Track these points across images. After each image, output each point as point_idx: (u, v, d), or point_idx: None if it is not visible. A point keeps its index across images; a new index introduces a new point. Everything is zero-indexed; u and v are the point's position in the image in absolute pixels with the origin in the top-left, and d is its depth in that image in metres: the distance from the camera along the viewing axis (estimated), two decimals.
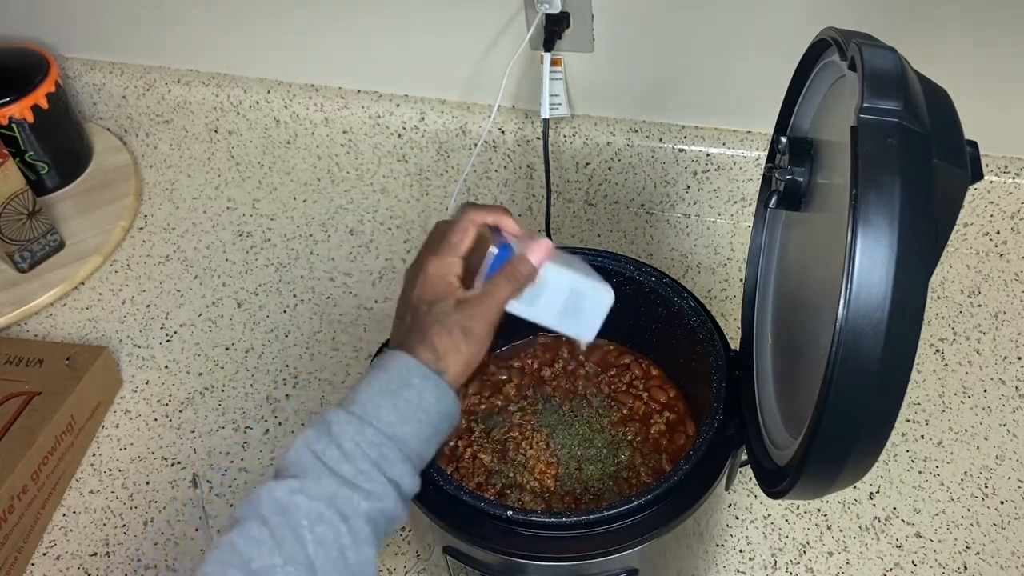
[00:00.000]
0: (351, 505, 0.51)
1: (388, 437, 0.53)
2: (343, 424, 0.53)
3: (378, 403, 0.54)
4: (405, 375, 0.55)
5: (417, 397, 0.54)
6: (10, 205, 1.00)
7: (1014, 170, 0.96)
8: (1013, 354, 0.93)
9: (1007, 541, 0.80)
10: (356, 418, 0.53)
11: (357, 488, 0.51)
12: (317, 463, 0.51)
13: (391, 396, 0.54)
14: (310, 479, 0.51)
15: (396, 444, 0.53)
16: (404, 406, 0.54)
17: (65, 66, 1.19)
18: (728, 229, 1.06)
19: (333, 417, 0.53)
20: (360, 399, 0.54)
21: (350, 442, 0.52)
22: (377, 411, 0.53)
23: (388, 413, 0.53)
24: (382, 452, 0.52)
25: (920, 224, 0.42)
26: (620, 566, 0.60)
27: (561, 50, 0.97)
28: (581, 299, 0.60)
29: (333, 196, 1.15)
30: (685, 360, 0.73)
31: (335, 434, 0.52)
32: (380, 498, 0.52)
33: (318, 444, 0.52)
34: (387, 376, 0.55)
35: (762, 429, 0.62)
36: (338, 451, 0.52)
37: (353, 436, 0.52)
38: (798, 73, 0.61)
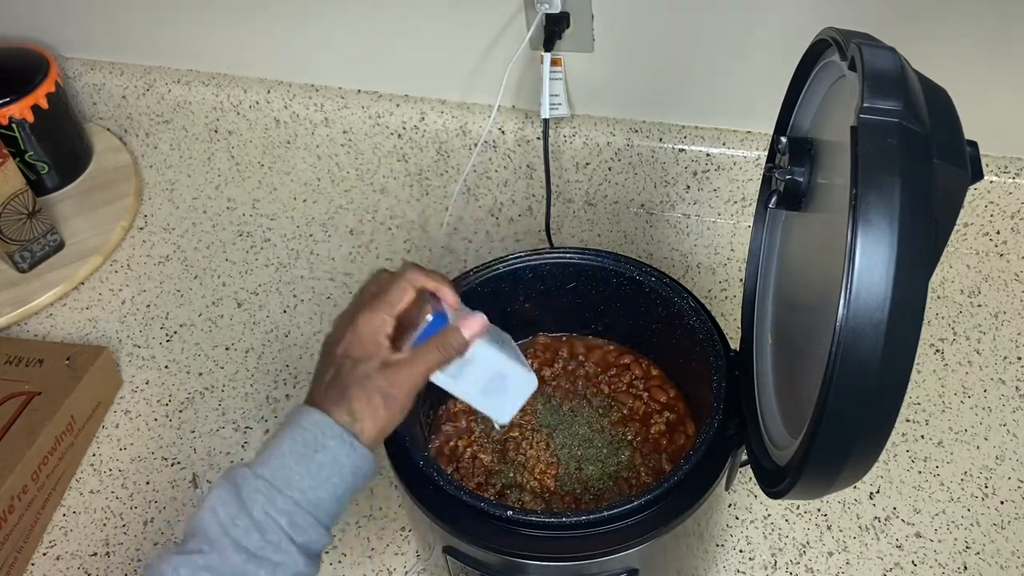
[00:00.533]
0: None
1: (298, 504, 0.52)
2: (253, 492, 0.52)
3: (290, 466, 0.53)
4: (319, 437, 0.53)
5: (331, 460, 0.53)
6: (10, 205, 1.00)
7: (1014, 170, 0.96)
8: (1013, 354, 0.93)
9: (1007, 541, 0.80)
10: (266, 483, 0.52)
11: (264, 561, 0.51)
12: (224, 536, 0.51)
13: (305, 460, 0.53)
14: (215, 554, 0.50)
15: (307, 510, 0.52)
16: (317, 470, 0.53)
17: (65, 66, 1.19)
18: (728, 229, 1.06)
19: (243, 481, 0.52)
20: (272, 462, 0.53)
21: (260, 511, 0.51)
22: (289, 476, 0.52)
23: (301, 479, 0.52)
24: (293, 520, 0.52)
25: (920, 224, 0.42)
26: (620, 566, 0.60)
27: (561, 50, 0.97)
28: (505, 381, 0.60)
29: (333, 196, 1.15)
30: (685, 360, 0.73)
31: (245, 501, 0.51)
32: (288, 566, 0.51)
33: (225, 510, 0.51)
34: (301, 437, 0.53)
35: (762, 429, 0.62)
36: (247, 519, 0.51)
37: (263, 505, 0.51)
38: (798, 73, 0.61)
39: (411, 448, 0.63)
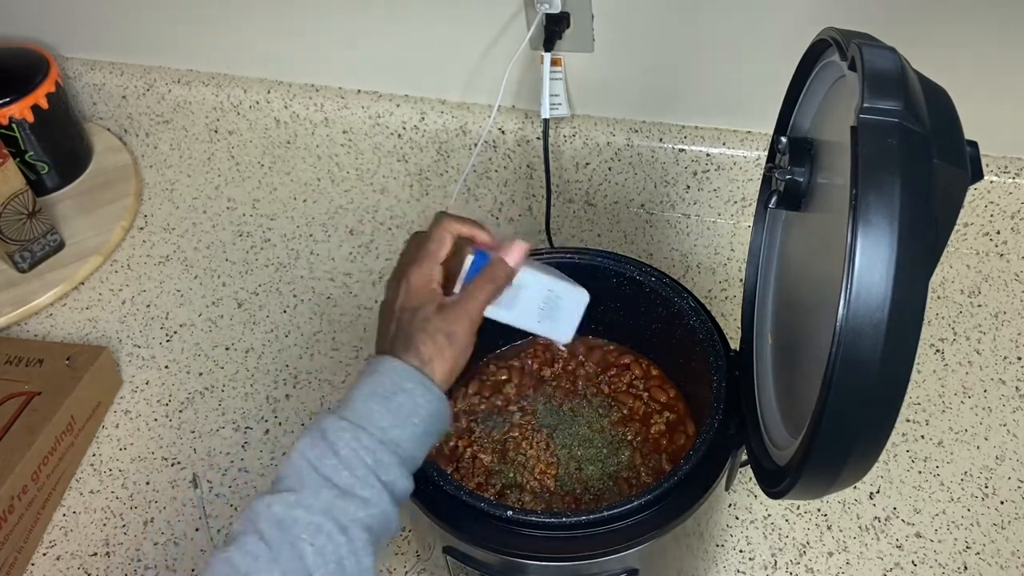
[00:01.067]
0: (348, 515, 0.51)
1: (382, 442, 0.53)
2: (338, 431, 0.53)
3: (371, 408, 0.54)
4: (397, 380, 0.55)
5: (410, 402, 0.54)
6: (10, 205, 1.00)
7: (1014, 170, 0.96)
8: (1013, 354, 0.93)
9: (1007, 541, 0.80)
10: (350, 424, 0.53)
11: (353, 497, 0.51)
12: (314, 473, 0.52)
13: (384, 401, 0.54)
14: (307, 491, 0.51)
15: (390, 448, 0.53)
16: (397, 410, 0.54)
17: (65, 66, 1.19)
18: (728, 229, 1.06)
19: (328, 424, 0.53)
20: (354, 405, 0.54)
21: (346, 448, 0.52)
22: (371, 416, 0.54)
23: (382, 418, 0.54)
24: (377, 457, 0.53)
25: (920, 224, 0.42)
26: (620, 566, 0.60)
27: (561, 50, 0.97)
28: (558, 300, 0.61)
29: (333, 196, 1.15)
30: (685, 360, 0.73)
31: (331, 441, 0.52)
32: (376, 504, 0.52)
33: (313, 452, 0.52)
34: (379, 381, 0.55)
35: (762, 429, 0.62)
36: (335, 458, 0.52)
37: (349, 442, 0.52)
38: (798, 73, 0.61)
39: None
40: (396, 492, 0.53)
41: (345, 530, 0.51)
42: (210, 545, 0.83)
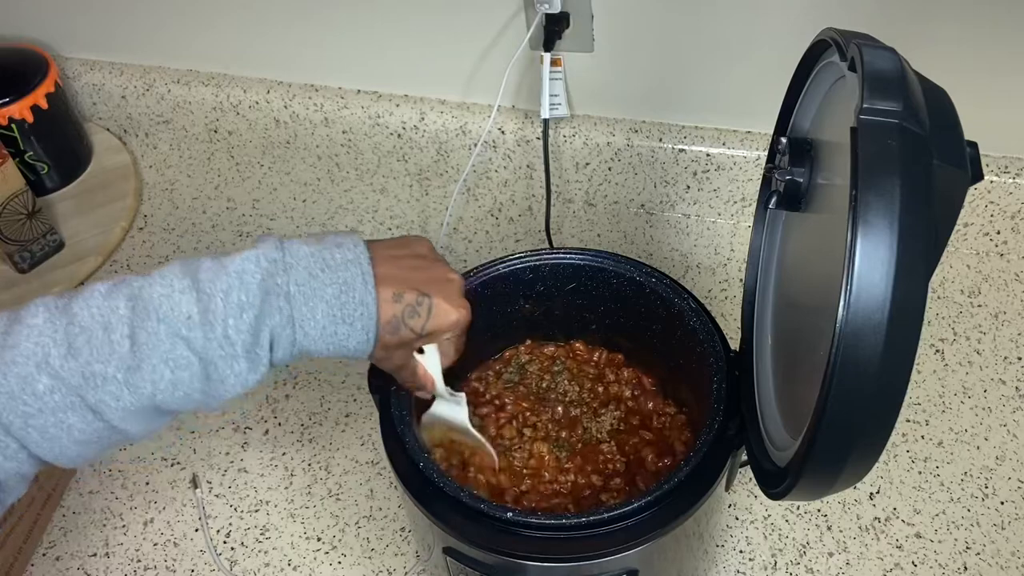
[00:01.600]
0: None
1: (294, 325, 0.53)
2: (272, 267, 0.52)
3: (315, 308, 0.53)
4: (358, 289, 0.54)
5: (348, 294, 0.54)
6: (10, 205, 1.00)
7: (1014, 170, 0.96)
8: (1013, 354, 0.93)
9: (1007, 541, 0.80)
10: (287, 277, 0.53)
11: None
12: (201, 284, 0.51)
13: (334, 310, 0.54)
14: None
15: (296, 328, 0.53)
16: (342, 304, 0.54)
17: (65, 66, 1.19)
18: (728, 229, 1.06)
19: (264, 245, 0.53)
20: (299, 259, 0.54)
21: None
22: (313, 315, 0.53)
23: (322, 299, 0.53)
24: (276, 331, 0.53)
25: (920, 225, 0.42)
26: (620, 567, 0.60)
27: (561, 50, 0.97)
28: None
29: (333, 196, 1.15)
30: (685, 361, 0.73)
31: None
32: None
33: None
34: (338, 273, 0.54)
35: (762, 430, 0.62)
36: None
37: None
38: (798, 74, 0.61)
39: (411, 448, 0.63)
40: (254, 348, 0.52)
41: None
42: (210, 545, 0.84)
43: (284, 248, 0.53)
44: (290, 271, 0.52)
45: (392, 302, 0.56)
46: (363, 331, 0.55)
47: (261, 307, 0.51)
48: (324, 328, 0.53)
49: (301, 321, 0.52)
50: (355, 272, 0.54)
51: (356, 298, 0.54)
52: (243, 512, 0.86)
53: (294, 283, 0.52)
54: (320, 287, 0.53)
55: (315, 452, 0.90)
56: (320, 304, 0.53)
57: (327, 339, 0.54)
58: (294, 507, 0.86)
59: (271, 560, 0.82)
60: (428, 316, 0.57)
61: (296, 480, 0.88)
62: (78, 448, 0.50)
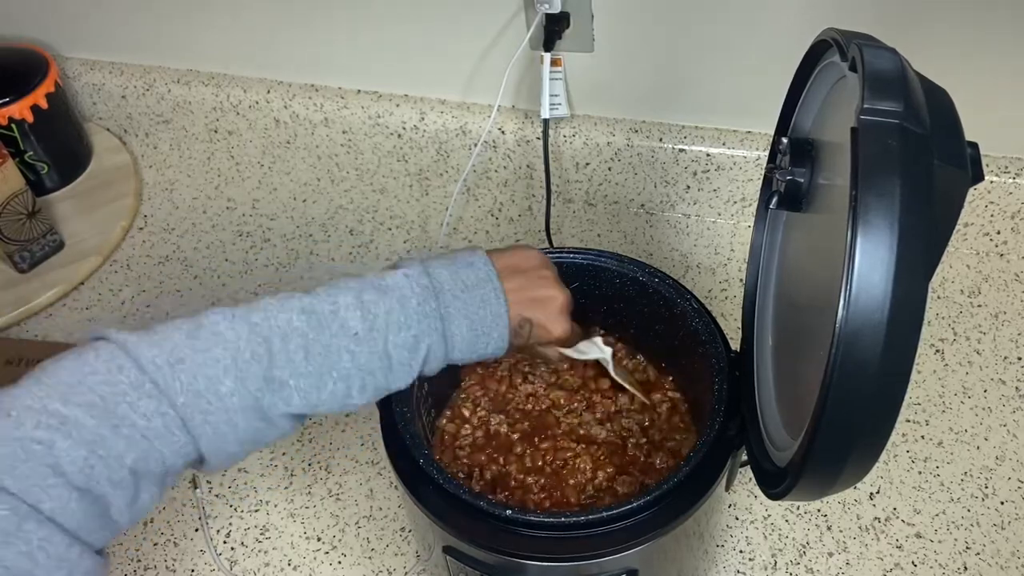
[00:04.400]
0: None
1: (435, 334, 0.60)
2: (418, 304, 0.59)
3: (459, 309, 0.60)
4: (494, 310, 0.61)
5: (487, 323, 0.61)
6: (10, 205, 1.00)
7: (1014, 170, 0.96)
8: (1013, 354, 0.93)
9: (1007, 541, 0.80)
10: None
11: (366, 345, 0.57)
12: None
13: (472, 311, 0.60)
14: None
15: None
16: (479, 321, 0.61)
17: (65, 66, 1.19)
18: (728, 229, 1.06)
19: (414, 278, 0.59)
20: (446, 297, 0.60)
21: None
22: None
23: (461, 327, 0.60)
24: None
25: (920, 225, 0.42)
26: (620, 566, 0.60)
27: (561, 50, 0.97)
28: None
29: (333, 196, 1.15)
30: (686, 361, 0.73)
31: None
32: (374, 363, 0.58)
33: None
34: (480, 302, 0.61)
35: (762, 430, 0.62)
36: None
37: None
38: (799, 74, 0.61)
39: (411, 448, 0.63)
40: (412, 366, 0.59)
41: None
42: (210, 545, 0.84)
43: (429, 274, 0.60)
44: (440, 296, 0.59)
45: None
46: (499, 339, 0.62)
47: (418, 327, 0.58)
48: (468, 341, 0.61)
49: (450, 337, 0.60)
50: (489, 289, 0.61)
51: (492, 312, 0.61)
52: (243, 512, 0.86)
53: (443, 305, 0.59)
54: (463, 307, 0.60)
55: (315, 452, 0.90)
56: (465, 321, 0.60)
57: (470, 349, 0.61)
58: (294, 507, 0.86)
59: (271, 560, 0.82)
60: (530, 335, 0.64)
61: (296, 480, 0.88)
62: (236, 447, 0.54)
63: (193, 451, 0.53)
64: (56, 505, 0.47)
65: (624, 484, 0.71)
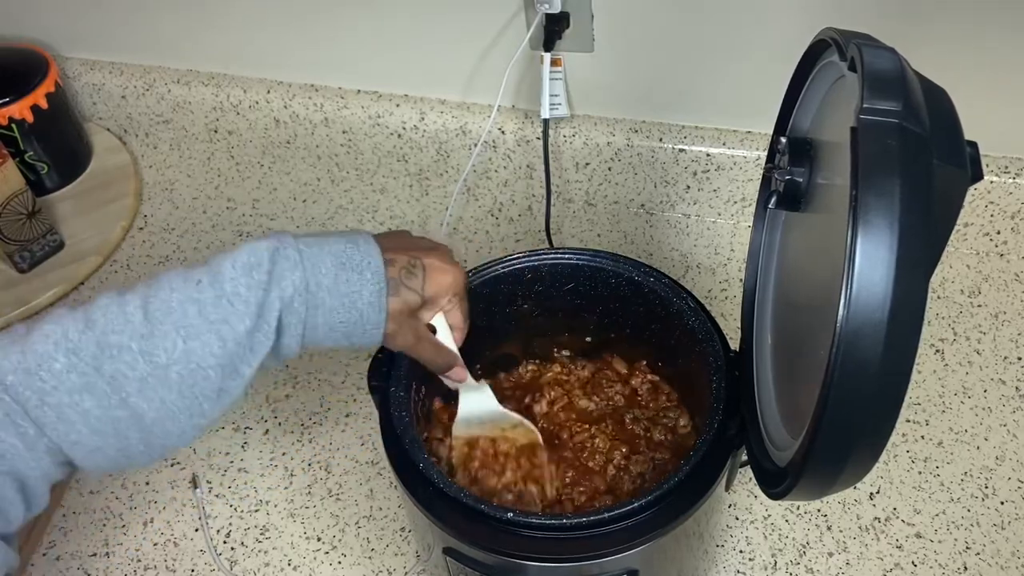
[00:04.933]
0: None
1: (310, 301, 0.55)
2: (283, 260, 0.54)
3: (326, 264, 0.55)
4: (366, 269, 0.56)
5: (359, 298, 0.56)
6: (10, 205, 1.00)
7: (1014, 170, 0.96)
8: (1013, 354, 0.93)
9: (1007, 541, 0.80)
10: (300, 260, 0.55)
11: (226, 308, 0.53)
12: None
13: (342, 271, 0.56)
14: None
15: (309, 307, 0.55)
16: (345, 287, 0.55)
17: (65, 66, 1.19)
18: (728, 229, 1.06)
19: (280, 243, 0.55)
20: (312, 249, 0.55)
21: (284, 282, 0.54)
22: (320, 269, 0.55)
23: (327, 278, 0.55)
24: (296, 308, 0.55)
25: (920, 225, 0.42)
26: (620, 567, 0.60)
27: (561, 50, 0.97)
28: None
29: (333, 196, 1.15)
30: (685, 360, 0.73)
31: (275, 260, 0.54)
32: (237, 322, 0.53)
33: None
34: (350, 254, 0.56)
35: (762, 430, 0.62)
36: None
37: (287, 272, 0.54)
38: (797, 73, 0.61)
39: (411, 449, 0.63)
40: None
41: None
42: (210, 545, 0.84)
43: (287, 232, 0.56)
44: (298, 239, 0.55)
45: (389, 266, 0.58)
46: (373, 280, 0.56)
47: (270, 263, 0.53)
48: (335, 276, 0.55)
49: (310, 267, 0.54)
50: (357, 235, 0.58)
51: (361, 250, 0.56)
52: (243, 512, 0.86)
53: (302, 244, 0.55)
54: (323, 243, 0.56)
55: (315, 452, 0.90)
56: (327, 257, 0.55)
57: (340, 287, 0.55)
58: (294, 507, 0.86)
59: (271, 560, 0.82)
60: (424, 276, 0.59)
61: (296, 480, 0.88)
62: (95, 438, 0.51)
63: (52, 444, 0.50)
64: None
65: (638, 464, 0.71)
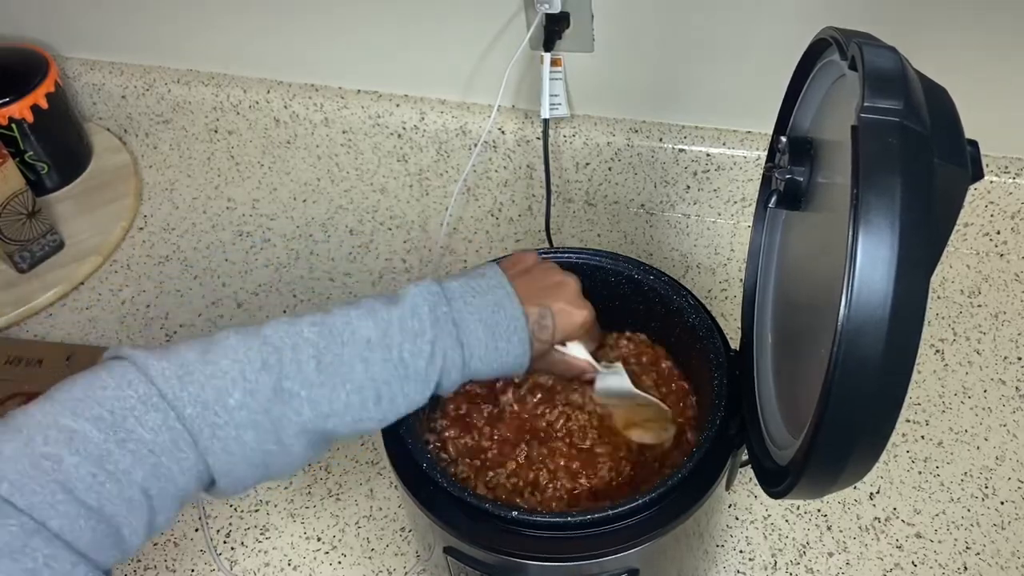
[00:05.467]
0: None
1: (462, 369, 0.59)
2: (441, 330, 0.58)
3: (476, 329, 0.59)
4: (513, 326, 0.60)
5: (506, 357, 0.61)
6: (10, 205, 1.00)
7: (1014, 170, 0.96)
8: (1013, 354, 0.93)
9: (1007, 541, 0.80)
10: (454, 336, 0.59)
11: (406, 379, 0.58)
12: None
13: (491, 334, 0.60)
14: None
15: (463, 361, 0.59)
16: (499, 349, 0.60)
17: (65, 66, 1.19)
18: (728, 229, 1.06)
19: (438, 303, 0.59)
20: (464, 319, 0.59)
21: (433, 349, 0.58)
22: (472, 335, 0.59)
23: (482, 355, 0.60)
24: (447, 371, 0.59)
25: (921, 223, 0.42)
26: (620, 566, 0.60)
27: (561, 50, 0.97)
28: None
29: (333, 196, 1.15)
30: (685, 359, 0.73)
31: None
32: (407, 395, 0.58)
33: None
34: (496, 317, 0.60)
35: (763, 429, 0.62)
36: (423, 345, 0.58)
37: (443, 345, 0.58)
38: (798, 73, 0.61)
39: (412, 449, 0.63)
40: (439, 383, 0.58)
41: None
42: (210, 545, 0.83)
43: (441, 285, 0.60)
44: (452, 302, 0.59)
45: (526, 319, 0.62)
46: (520, 344, 0.61)
47: (432, 332, 0.57)
48: (486, 345, 0.59)
49: (466, 342, 0.58)
50: (501, 293, 0.61)
51: (508, 314, 0.60)
52: (243, 512, 0.86)
53: (456, 311, 0.58)
54: (476, 310, 0.59)
55: None
56: (479, 325, 0.59)
57: (490, 355, 0.60)
58: (294, 507, 0.86)
59: (271, 560, 0.82)
60: (554, 324, 0.63)
61: (296, 480, 0.88)
62: (244, 468, 0.53)
63: (204, 470, 0.52)
64: (64, 523, 0.46)
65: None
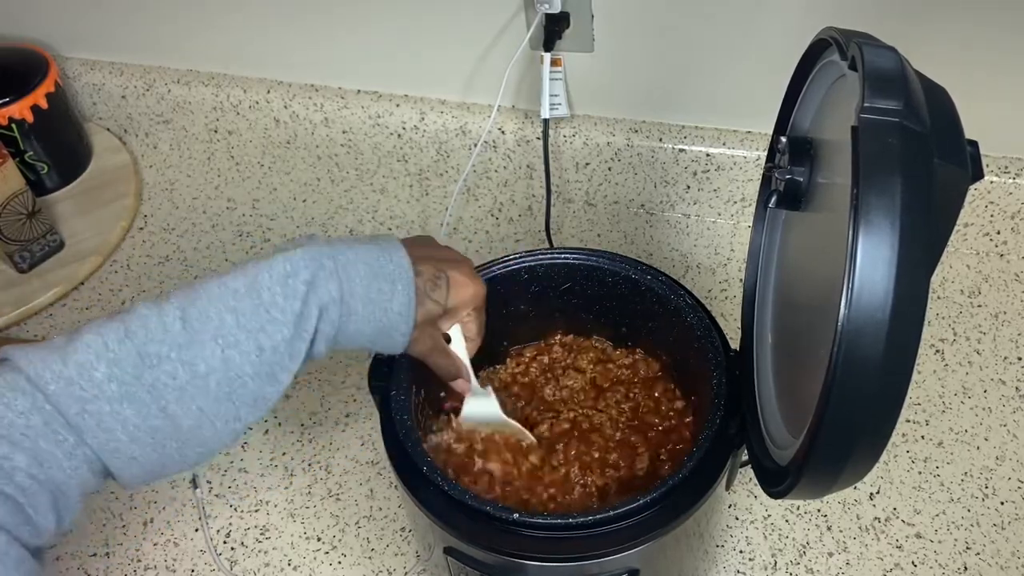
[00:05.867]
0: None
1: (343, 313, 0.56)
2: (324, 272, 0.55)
3: (359, 270, 0.57)
4: (395, 275, 0.58)
5: (387, 301, 0.58)
6: (10, 205, 1.00)
7: (1014, 170, 0.96)
8: (1013, 354, 0.93)
9: (1007, 541, 0.80)
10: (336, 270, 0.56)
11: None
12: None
13: (373, 280, 0.57)
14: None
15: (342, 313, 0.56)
16: (376, 296, 0.57)
17: (65, 66, 1.19)
18: (728, 229, 1.06)
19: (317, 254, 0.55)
20: (346, 256, 0.56)
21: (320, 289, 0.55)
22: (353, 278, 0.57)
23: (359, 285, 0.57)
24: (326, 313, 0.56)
25: (921, 224, 0.42)
26: (621, 566, 0.60)
27: (561, 50, 0.97)
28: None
29: (333, 196, 1.15)
30: (684, 359, 0.73)
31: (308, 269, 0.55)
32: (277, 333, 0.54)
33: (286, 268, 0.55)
34: (382, 263, 0.58)
35: (763, 429, 0.62)
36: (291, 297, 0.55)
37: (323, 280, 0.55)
38: (798, 73, 0.61)
39: (411, 449, 0.63)
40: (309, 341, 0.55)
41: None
42: (210, 545, 0.83)
43: (316, 237, 0.58)
44: (332, 246, 0.56)
45: (416, 276, 0.60)
46: (404, 292, 0.58)
47: (308, 271, 0.54)
48: (368, 285, 0.56)
49: (345, 276, 0.55)
50: (388, 243, 0.59)
51: (394, 261, 0.58)
52: (243, 512, 0.86)
53: (337, 252, 0.56)
54: (359, 253, 0.57)
55: (315, 452, 0.90)
56: (361, 265, 0.56)
57: (371, 296, 0.57)
58: (294, 507, 0.86)
59: (271, 560, 0.82)
60: (448, 288, 0.61)
61: (296, 480, 0.88)
62: (133, 447, 0.51)
63: (90, 453, 0.50)
64: None
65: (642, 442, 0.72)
